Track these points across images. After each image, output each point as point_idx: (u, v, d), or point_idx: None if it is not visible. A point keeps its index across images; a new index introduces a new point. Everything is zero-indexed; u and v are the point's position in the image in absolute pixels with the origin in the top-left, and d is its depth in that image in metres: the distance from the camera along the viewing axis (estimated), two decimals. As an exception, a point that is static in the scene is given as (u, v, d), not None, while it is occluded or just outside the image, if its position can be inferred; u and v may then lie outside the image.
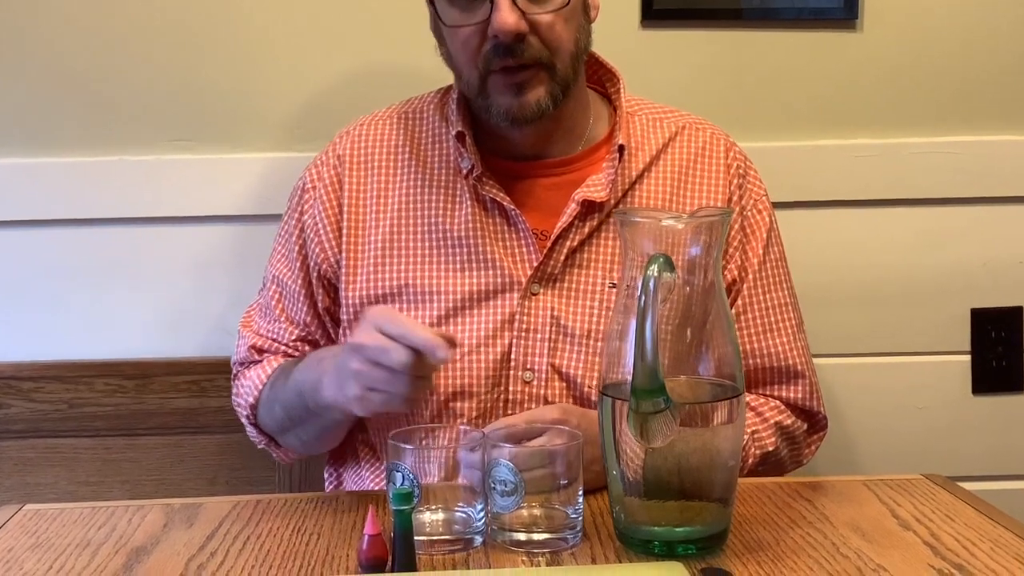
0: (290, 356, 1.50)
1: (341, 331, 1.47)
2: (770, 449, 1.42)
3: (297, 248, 1.49)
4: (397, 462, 1.13)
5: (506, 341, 1.39)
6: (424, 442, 1.20)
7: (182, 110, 1.80)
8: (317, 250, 1.46)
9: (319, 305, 1.48)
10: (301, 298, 1.49)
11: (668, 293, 1.07)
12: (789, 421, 1.45)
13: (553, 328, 1.40)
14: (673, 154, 1.47)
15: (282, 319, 1.50)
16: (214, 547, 1.17)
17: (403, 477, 1.12)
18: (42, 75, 1.79)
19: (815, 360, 1.56)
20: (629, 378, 1.06)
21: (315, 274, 1.47)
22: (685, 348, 1.10)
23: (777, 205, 1.66)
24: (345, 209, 1.46)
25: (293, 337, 1.50)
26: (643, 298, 1.04)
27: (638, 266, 1.09)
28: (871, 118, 1.85)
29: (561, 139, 1.45)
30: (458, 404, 1.38)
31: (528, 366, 1.39)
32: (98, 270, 1.82)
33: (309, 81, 1.80)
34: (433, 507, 1.14)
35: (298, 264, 1.49)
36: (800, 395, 1.46)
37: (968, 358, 1.89)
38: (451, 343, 1.18)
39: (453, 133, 1.43)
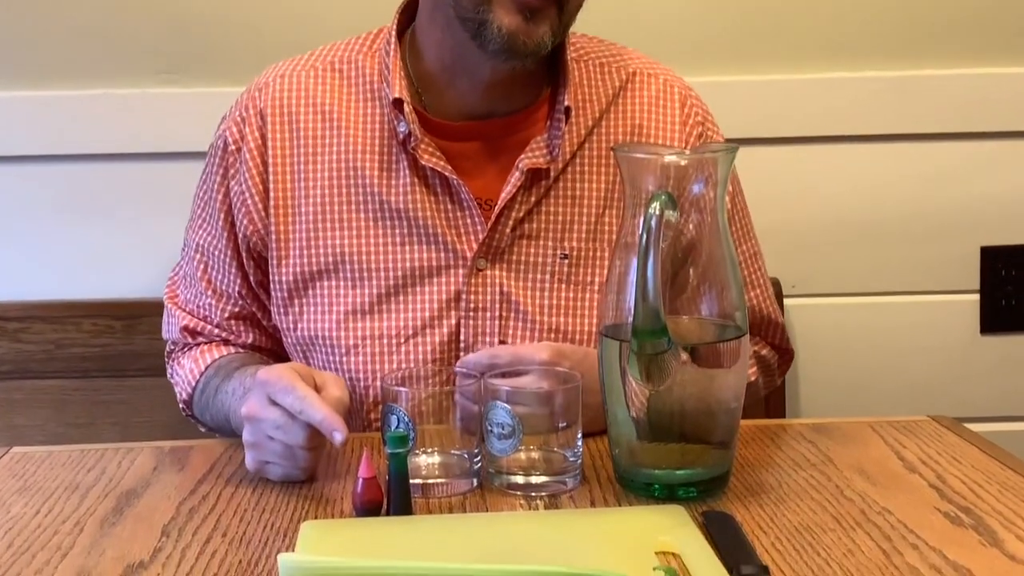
0: (226, 341, 1.45)
1: (274, 311, 1.41)
2: (752, 380, 1.44)
3: (223, 215, 1.40)
4: (392, 404, 1.13)
5: (453, 321, 1.35)
6: (420, 384, 1.19)
7: (169, 42, 1.78)
8: (245, 221, 1.38)
9: (251, 279, 1.42)
10: (233, 269, 1.42)
11: (670, 231, 1.06)
12: (766, 352, 1.49)
13: (503, 305, 1.35)
14: (624, 108, 1.40)
15: (208, 293, 1.44)
16: (206, 490, 1.17)
17: (398, 420, 1.12)
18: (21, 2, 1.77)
19: (820, 300, 1.56)
20: (630, 319, 1.06)
21: (244, 247, 1.40)
22: (688, 288, 1.09)
23: (783, 140, 1.66)
24: (271, 176, 1.37)
25: (226, 315, 1.44)
26: (645, 237, 1.03)
27: (639, 204, 1.08)
28: (880, 50, 1.84)
29: (514, 94, 1.37)
30: None
31: (478, 346, 1.35)
32: (85, 208, 1.82)
33: (304, 12, 1.78)
34: (429, 450, 1.14)
35: (225, 233, 1.41)
36: (776, 340, 1.50)
37: (977, 297, 1.89)
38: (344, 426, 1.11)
39: (391, 98, 1.34)
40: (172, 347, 1.50)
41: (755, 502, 1.10)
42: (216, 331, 1.45)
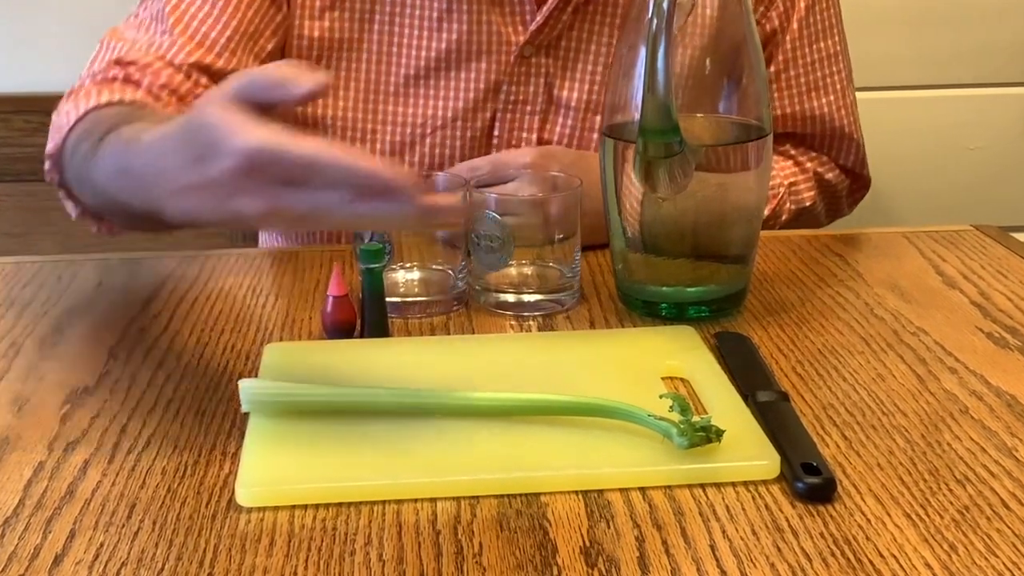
0: (172, 92, 1.24)
1: None
2: (807, 204, 1.41)
3: None
4: (365, 213, 1.11)
5: (488, 115, 1.34)
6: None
7: None
8: None
9: (248, 27, 1.28)
10: (229, 9, 1.28)
11: (686, 16, 1.04)
12: (831, 175, 1.45)
13: (546, 99, 1.34)
14: None
15: (175, 32, 1.27)
16: (157, 308, 1.16)
17: (372, 231, 1.11)
18: None
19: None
20: (636, 116, 1.04)
21: None
22: (704, 82, 1.07)
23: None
24: None
25: (192, 59, 1.25)
26: (655, 21, 1.01)
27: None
28: None
29: None
30: None
31: (513, 143, 1.34)
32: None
33: None
34: (407, 265, 1.14)
35: None
36: (849, 161, 1.46)
37: (1029, 91, 1.88)
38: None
39: None
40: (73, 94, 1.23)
41: (774, 322, 1.10)
42: (164, 71, 1.25)
